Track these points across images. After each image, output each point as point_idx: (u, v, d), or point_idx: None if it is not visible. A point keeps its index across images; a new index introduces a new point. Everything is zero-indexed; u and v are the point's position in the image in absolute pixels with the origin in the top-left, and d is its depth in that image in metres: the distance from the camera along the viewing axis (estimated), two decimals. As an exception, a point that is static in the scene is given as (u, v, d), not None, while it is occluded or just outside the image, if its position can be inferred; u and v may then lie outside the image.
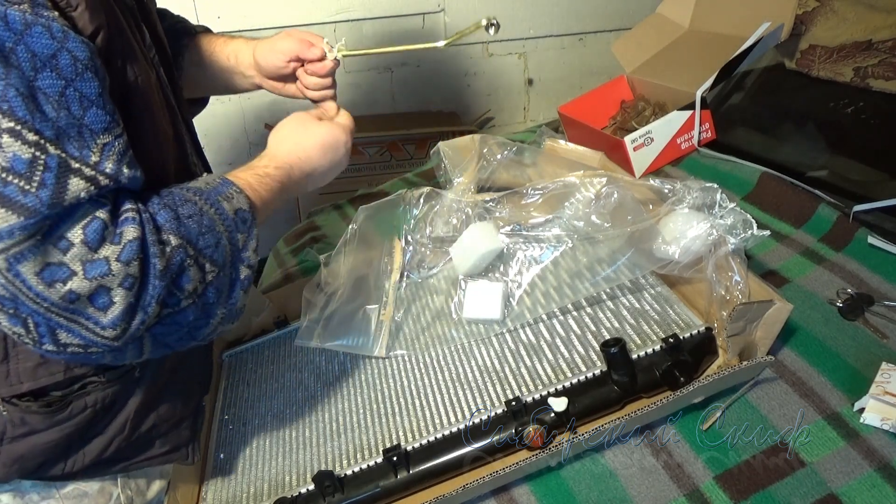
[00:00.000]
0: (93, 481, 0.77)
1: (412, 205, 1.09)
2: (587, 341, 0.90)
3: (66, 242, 0.51)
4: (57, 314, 0.52)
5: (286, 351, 1.12)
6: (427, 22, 2.23)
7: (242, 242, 0.63)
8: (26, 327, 0.53)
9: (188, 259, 0.57)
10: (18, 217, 0.48)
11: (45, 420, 0.68)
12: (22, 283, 0.50)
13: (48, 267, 0.50)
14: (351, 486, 0.84)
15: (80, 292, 0.51)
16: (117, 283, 0.52)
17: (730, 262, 0.88)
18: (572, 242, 0.98)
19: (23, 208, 0.48)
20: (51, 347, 0.54)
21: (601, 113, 1.52)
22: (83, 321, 0.53)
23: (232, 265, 0.62)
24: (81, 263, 0.51)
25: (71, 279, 0.51)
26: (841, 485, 0.74)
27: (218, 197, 0.63)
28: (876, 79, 1.25)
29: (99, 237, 0.52)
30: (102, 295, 0.52)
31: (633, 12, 2.32)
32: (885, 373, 0.81)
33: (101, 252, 0.52)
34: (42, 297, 0.50)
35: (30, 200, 0.48)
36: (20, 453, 0.68)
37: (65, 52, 0.51)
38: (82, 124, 0.52)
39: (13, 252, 0.49)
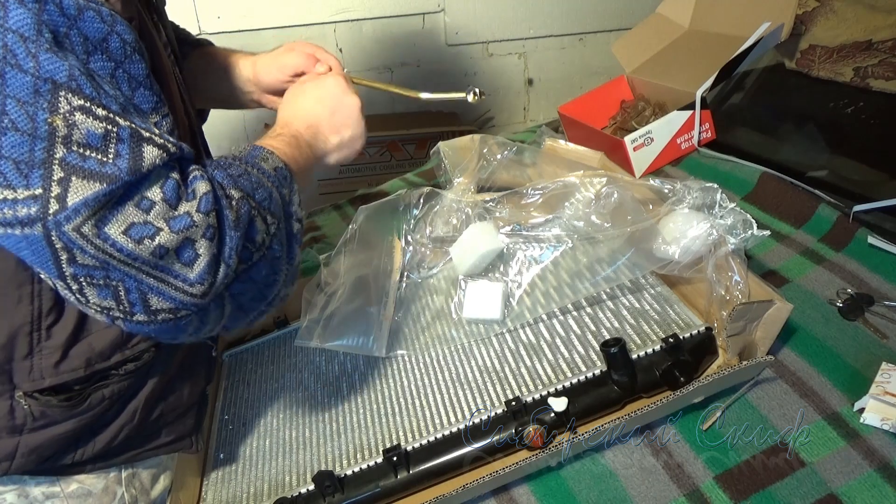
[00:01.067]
0: (97, 479, 0.77)
1: (412, 205, 1.09)
2: (587, 341, 0.90)
3: (148, 202, 0.52)
4: (147, 273, 0.53)
5: (286, 351, 1.12)
6: (427, 22, 2.23)
7: (288, 197, 0.65)
8: (117, 297, 0.53)
9: (252, 210, 0.59)
10: (101, 184, 0.50)
11: (65, 412, 0.69)
12: (112, 246, 0.51)
13: (134, 226, 0.51)
14: (351, 486, 0.84)
15: (169, 246, 0.53)
16: (200, 234, 0.54)
17: (730, 262, 0.88)
18: (572, 242, 0.98)
19: (104, 177, 0.50)
20: (142, 317, 0.55)
21: (601, 113, 1.53)
22: (172, 279, 0.54)
23: (286, 218, 0.64)
24: (165, 220, 0.53)
25: (158, 234, 0.52)
26: (841, 485, 0.74)
27: (255, 159, 0.65)
28: (876, 79, 1.25)
29: (176, 195, 0.54)
30: (188, 248, 0.54)
31: (633, 12, 2.32)
32: (885, 373, 0.81)
33: (180, 208, 0.54)
34: (133, 256, 0.52)
35: (109, 170, 0.50)
36: (38, 444, 0.69)
37: (114, 36, 0.53)
38: (133, 104, 0.55)
39: (99, 216, 0.50)
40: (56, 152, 0.49)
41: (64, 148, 0.49)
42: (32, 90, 0.49)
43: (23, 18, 0.49)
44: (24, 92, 0.49)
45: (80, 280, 0.52)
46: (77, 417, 0.70)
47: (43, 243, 0.50)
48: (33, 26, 0.49)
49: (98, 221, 0.50)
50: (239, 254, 0.58)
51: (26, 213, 0.49)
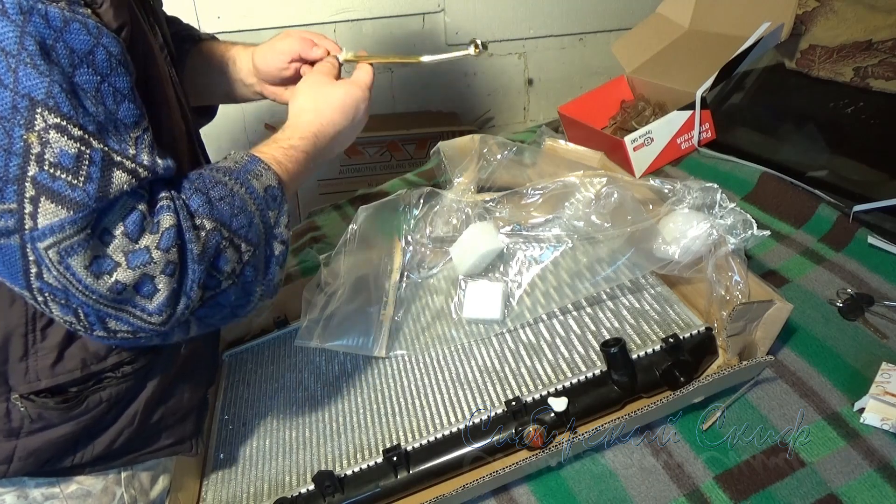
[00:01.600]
0: (97, 480, 0.77)
1: (412, 205, 1.09)
2: (587, 341, 0.90)
3: (109, 235, 0.53)
4: (105, 305, 0.54)
5: (286, 351, 1.12)
6: (427, 22, 2.23)
7: (274, 219, 0.65)
8: (77, 316, 0.54)
9: (223, 241, 0.59)
10: (68, 211, 0.50)
11: (62, 415, 0.69)
12: (72, 276, 0.51)
13: (95, 260, 0.52)
14: (351, 486, 0.84)
15: (126, 282, 0.53)
16: (159, 270, 0.54)
17: (730, 262, 0.88)
18: (572, 242, 0.98)
19: (71, 202, 0.50)
20: (101, 334, 0.56)
21: (601, 113, 1.52)
22: (130, 309, 0.55)
23: (266, 243, 0.63)
24: (124, 254, 0.53)
25: (116, 270, 0.53)
26: (841, 485, 0.74)
27: (247, 175, 0.64)
28: (876, 79, 1.25)
29: (139, 228, 0.54)
30: (147, 283, 0.54)
31: (633, 12, 2.32)
32: (885, 373, 0.81)
33: (141, 242, 0.54)
34: (90, 290, 0.52)
35: (77, 195, 0.50)
36: (35, 447, 0.69)
37: (100, 48, 0.53)
38: (117, 118, 0.54)
39: (64, 246, 0.50)
40: (29, 170, 0.49)
41: (37, 166, 0.49)
42: (11, 106, 0.49)
43: (6, 32, 0.49)
44: (2, 107, 0.49)
45: (45, 294, 0.53)
46: (75, 420, 0.70)
47: (17, 255, 0.51)
48: (15, 40, 0.49)
49: (63, 251, 0.51)
50: (202, 285, 0.57)
51: (4, 225, 0.50)
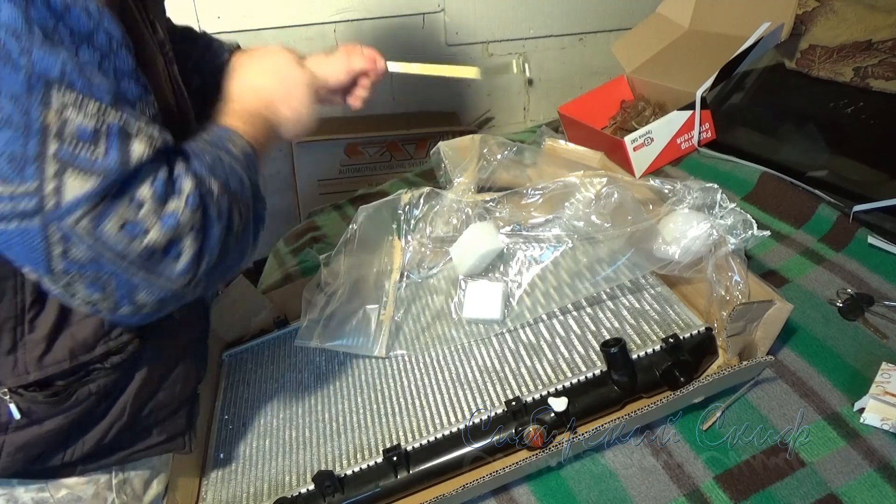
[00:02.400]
0: (87, 485, 0.76)
1: (412, 205, 1.09)
2: (587, 341, 0.90)
3: (137, 201, 0.54)
4: (136, 272, 0.55)
5: (286, 351, 1.12)
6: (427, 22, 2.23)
7: (256, 177, 0.66)
8: (104, 291, 0.55)
9: (231, 202, 0.61)
10: (95, 182, 0.51)
11: (51, 409, 0.68)
12: (105, 244, 0.52)
13: (127, 224, 0.53)
14: (351, 486, 0.84)
15: (156, 245, 0.54)
16: (185, 232, 0.56)
17: (730, 263, 0.88)
18: (572, 242, 0.98)
19: (97, 173, 0.51)
20: (127, 310, 0.57)
21: (601, 113, 1.53)
22: (158, 273, 0.56)
23: (254, 202, 0.66)
24: (153, 218, 0.54)
25: (147, 233, 0.54)
26: (841, 485, 0.74)
27: (224, 141, 0.66)
28: (876, 79, 1.25)
29: (164, 193, 0.55)
30: (175, 245, 0.56)
31: (633, 12, 2.32)
32: (885, 373, 0.81)
33: (168, 206, 0.55)
34: (123, 255, 0.53)
35: (100, 165, 0.51)
36: (24, 442, 0.68)
37: (101, 31, 0.54)
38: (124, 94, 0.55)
39: (94, 214, 0.51)
40: (49, 147, 0.50)
41: (56, 143, 0.50)
42: (26, 86, 0.49)
43: (13, 15, 0.49)
44: (18, 88, 0.49)
45: (71, 274, 0.53)
46: (64, 414, 0.69)
47: (38, 237, 0.51)
48: (24, 22, 0.49)
49: (94, 218, 0.52)
50: (221, 245, 0.59)
51: (24, 207, 0.50)
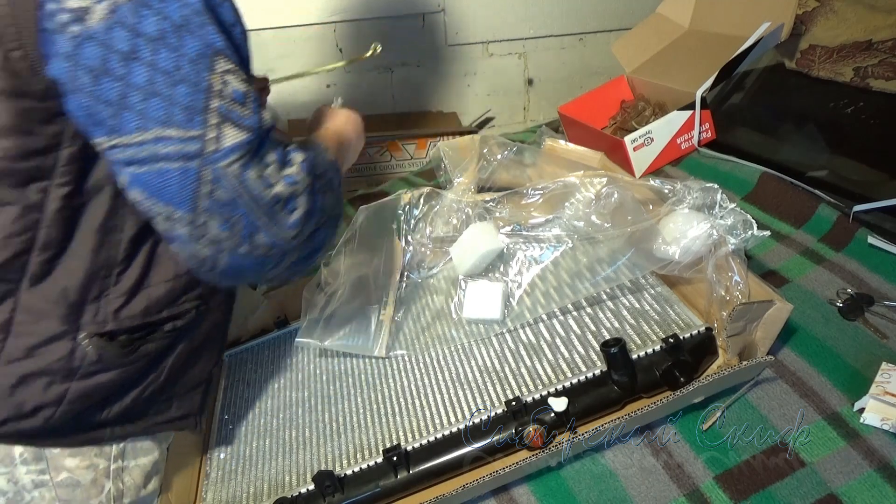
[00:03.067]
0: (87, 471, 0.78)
1: (412, 205, 1.09)
2: (587, 341, 0.90)
3: (266, 162, 0.65)
4: (262, 215, 0.65)
5: (286, 351, 1.12)
6: (427, 22, 2.23)
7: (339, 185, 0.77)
8: (232, 230, 0.64)
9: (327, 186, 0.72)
10: (246, 134, 0.63)
11: (116, 360, 0.74)
12: (246, 187, 0.63)
13: (263, 175, 0.64)
14: (351, 486, 0.84)
15: (281, 196, 0.65)
16: (300, 191, 0.67)
17: (730, 263, 0.88)
18: (572, 242, 0.98)
19: (247, 128, 0.63)
20: (244, 249, 0.66)
21: (601, 113, 1.53)
22: (277, 222, 0.66)
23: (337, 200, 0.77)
24: (279, 176, 0.66)
25: (276, 185, 0.65)
26: (841, 485, 0.74)
27: (319, 149, 0.77)
28: (876, 79, 1.25)
29: (283, 160, 0.67)
30: (292, 200, 0.67)
31: (633, 12, 2.31)
32: (885, 373, 0.81)
33: (287, 169, 0.67)
34: (257, 198, 0.64)
35: (249, 122, 0.63)
36: (84, 391, 0.73)
37: (238, 25, 0.67)
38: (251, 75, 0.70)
39: (242, 161, 0.63)
40: (213, 102, 0.61)
41: (218, 100, 0.62)
42: (200, 53, 0.61)
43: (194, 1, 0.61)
44: (195, 53, 0.61)
45: (210, 213, 0.63)
46: (123, 367, 0.75)
47: (194, 177, 0.61)
48: (203, 4, 0.61)
49: (242, 165, 0.63)
50: (320, 211, 0.70)
51: (188, 150, 0.61)
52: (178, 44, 0.60)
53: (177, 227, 0.64)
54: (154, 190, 0.62)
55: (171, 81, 0.60)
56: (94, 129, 0.62)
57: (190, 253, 0.66)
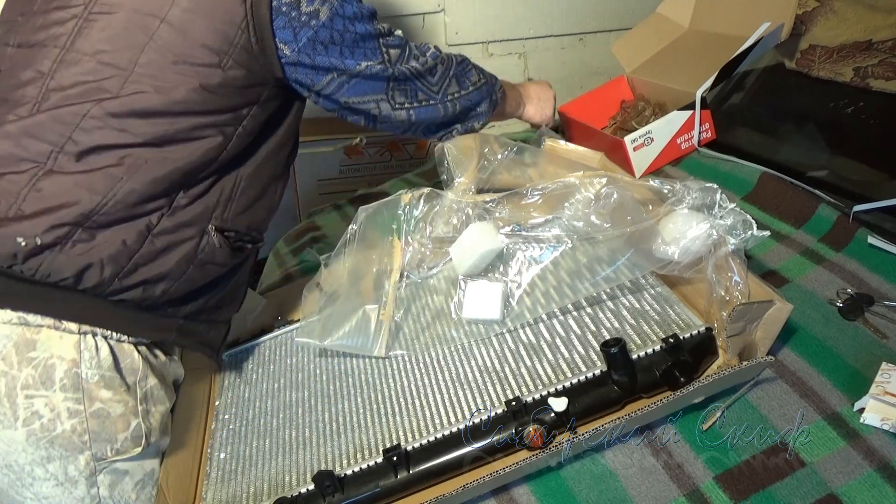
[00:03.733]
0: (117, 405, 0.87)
1: (412, 205, 1.09)
2: (587, 341, 0.90)
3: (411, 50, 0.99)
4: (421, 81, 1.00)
5: (286, 351, 1.12)
6: (427, 22, 2.23)
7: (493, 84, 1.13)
8: (407, 96, 1.00)
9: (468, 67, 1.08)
10: (400, 47, 0.97)
11: (223, 257, 0.92)
12: (410, 68, 0.97)
13: (414, 59, 0.98)
14: (351, 486, 0.84)
15: (428, 65, 1.00)
16: (437, 64, 1.01)
17: (730, 263, 0.88)
18: (572, 243, 0.98)
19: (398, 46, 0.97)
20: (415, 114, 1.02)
21: (601, 113, 1.53)
22: (430, 81, 1.01)
23: (487, 85, 1.10)
24: (423, 56, 0.99)
25: (422, 58, 0.99)
26: (841, 485, 0.74)
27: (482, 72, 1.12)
28: (876, 79, 1.25)
29: (420, 50, 1.00)
30: (435, 68, 1.01)
31: (633, 12, 2.31)
32: (885, 373, 0.81)
33: (426, 53, 1.00)
34: (418, 72, 0.99)
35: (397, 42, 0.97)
36: (194, 279, 0.90)
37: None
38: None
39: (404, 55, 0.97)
40: (380, 40, 0.94)
41: (382, 39, 0.94)
42: (370, 15, 0.92)
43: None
44: (368, 14, 0.92)
45: (396, 90, 0.97)
46: (220, 266, 0.93)
47: (386, 77, 0.95)
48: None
49: (406, 58, 0.97)
50: (451, 72, 1.04)
51: (377, 67, 0.93)
52: (360, 13, 0.91)
53: (378, 100, 0.97)
54: (362, 90, 0.95)
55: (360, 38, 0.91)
56: (318, 77, 0.91)
57: (396, 120, 1.00)
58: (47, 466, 0.85)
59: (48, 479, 0.85)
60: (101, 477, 0.87)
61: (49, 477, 0.85)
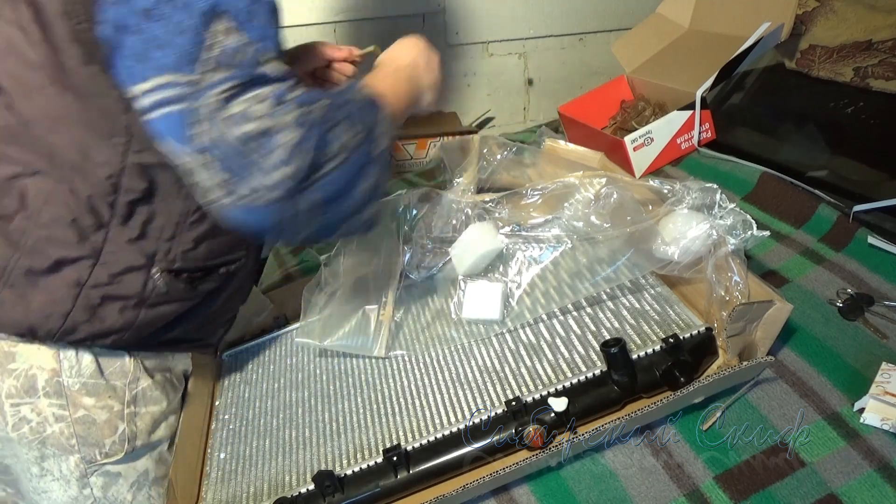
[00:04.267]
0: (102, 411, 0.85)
1: (412, 205, 1.09)
2: (587, 341, 0.90)
3: (262, 96, 0.64)
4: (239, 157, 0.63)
5: (286, 351, 1.12)
6: (427, 22, 2.23)
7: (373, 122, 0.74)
8: (229, 172, 0.64)
9: (339, 116, 0.69)
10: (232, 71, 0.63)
11: (181, 293, 0.84)
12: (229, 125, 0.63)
13: (246, 112, 0.63)
14: (351, 486, 0.84)
15: (263, 129, 0.63)
16: (287, 126, 0.64)
17: (729, 263, 0.88)
18: (572, 243, 0.98)
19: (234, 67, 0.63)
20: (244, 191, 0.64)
21: (601, 113, 1.53)
22: (262, 161, 0.64)
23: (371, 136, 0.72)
24: (269, 110, 0.64)
25: (260, 120, 0.63)
26: (841, 485, 0.74)
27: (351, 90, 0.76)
28: (876, 79, 1.25)
29: (279, 96, 0.65)
30: (268, 138, 0.64)
31: (633, 12, 2.31)
32: (885, 373, 0.81)
33: (280, 106, 0.65)
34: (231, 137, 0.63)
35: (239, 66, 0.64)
36: (151, 318, 0.83)
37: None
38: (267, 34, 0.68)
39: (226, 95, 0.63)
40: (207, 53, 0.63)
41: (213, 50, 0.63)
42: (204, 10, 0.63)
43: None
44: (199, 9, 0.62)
45: (207, 154, 0.64)
46: (183, 301, 0.85)
47: (189, 118, 0.63)
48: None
49: (226, 100, 0.63)
50: (317, 154, 0.66)
51: (182, 93, 0.62)
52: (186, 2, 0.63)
53: (186, 160, 0.66)
54: (165, 131, 0.65)
55: (175, 32, 0.63)
56: (124, 83, 0.66)
57: (210, 200, 0.67)
58: (43, 464, 0.86)
59: (44, 475, 0.87)
60: (94, 479, 0.88)
61: (45, 473, 0.86)
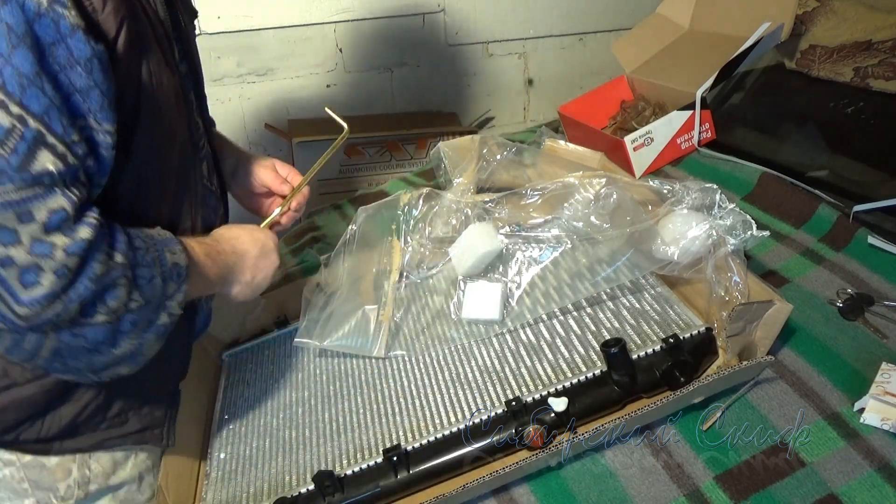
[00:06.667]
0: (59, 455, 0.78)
1: (412, 205, 1.09)
2: (587, 341, 0.90)
3: (29, 216, 0.56)
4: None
5: (286, 351, 1.12)
6: (427, 22, 2.23)
7: (171, 291, 0.68)
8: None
9: (123, 279, 0.62)
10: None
11: (25, 373, 0.72)
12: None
13: (3, 229, 0.56)
14: (351, 486, 0.84)
15: (17, 261, 0.56)
16: (52, 268, 0.57)
17: (729, 263, 0.88)
18: (571, 243, 0.98)
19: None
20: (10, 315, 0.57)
21: (601, 113, 1.53)
22: (4, 290, 0.57)
23: (156, 306, 0.67)
24: (30, 239, 0.56)
25: (16, 246, 0.56)
26: (841, 485, 0.74)
27: (164, 248, 0.69)
28: (876, 79, 1.25)
29: (57, 225, 0.57)
30: (33, 272, 0.57)
31: (633, 12, 2.31)
32: (885, 373, 0.81)
33: (52, 238, 0.57)
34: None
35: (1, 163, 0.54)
36: (3, 405, 0.72)
37: (62, 45, 0.57)
38: (69, 107, 0.58)
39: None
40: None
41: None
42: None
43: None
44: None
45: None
46: (39, 381, 0.72)
47: None
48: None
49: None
50: (82, 304, 0.60)
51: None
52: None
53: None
54: None
55: None
56: None
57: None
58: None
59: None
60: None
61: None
